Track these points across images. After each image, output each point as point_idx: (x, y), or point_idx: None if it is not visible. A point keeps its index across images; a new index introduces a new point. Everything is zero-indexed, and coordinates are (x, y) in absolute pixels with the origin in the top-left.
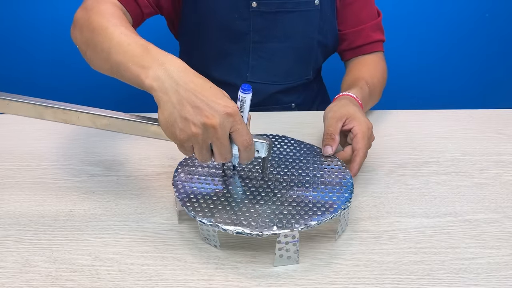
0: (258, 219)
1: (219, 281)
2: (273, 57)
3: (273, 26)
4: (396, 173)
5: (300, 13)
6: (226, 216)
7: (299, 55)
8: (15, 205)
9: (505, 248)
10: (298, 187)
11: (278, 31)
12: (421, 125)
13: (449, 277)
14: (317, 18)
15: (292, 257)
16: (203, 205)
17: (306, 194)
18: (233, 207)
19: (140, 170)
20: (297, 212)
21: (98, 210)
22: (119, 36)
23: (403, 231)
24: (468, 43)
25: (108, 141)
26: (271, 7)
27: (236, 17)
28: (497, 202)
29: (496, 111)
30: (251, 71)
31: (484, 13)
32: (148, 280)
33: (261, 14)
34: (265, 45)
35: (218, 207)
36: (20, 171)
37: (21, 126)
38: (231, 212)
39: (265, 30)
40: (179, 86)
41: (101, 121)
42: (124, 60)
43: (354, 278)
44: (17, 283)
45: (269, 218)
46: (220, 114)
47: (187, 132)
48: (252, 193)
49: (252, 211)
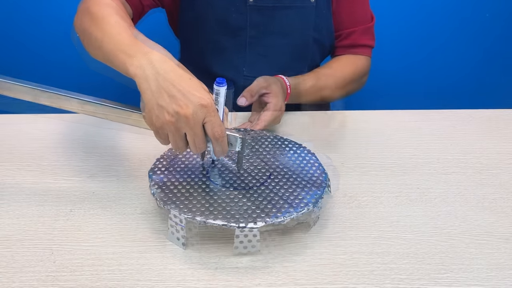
0: (231, 212)
1: (219, 281)
2: (269, 52)
3: (269, 21)
4: (396, 173)
5: (296, 9)
6: (194, 209)
7: (295, 52)
8: (15, 205)
9: (505, 248)
10: (275, 182)
11: (275, 27)
12: (421, 125)
13: (449, 277)
14: (312, 15)
15: (256, 246)
16: (177, 196)
17: (280, 190)
18: (207, 200)
19: (140, 170)
20: (265, 206)
21: (98, 210)
22: (113, 26)
23: (403, 231)
24: (468, 43)
25: (108, 141)
26: (267, 2)
27: (232, 11)
28: (497, 202)
29: (496, 111)
30: (247, 66)
31: (484, 13)
32: (148, 280)
33: (258, 9)
34: (261, 41)
35: (189, 198)
36: (20, 171)
37: (21, 126)
38: (203, 202)
39: (261, 25)
40: (159, 75)
41: (88, 107)
42: (114, 48)
43: (354, 278)
44: (17, 283)
45: (234, 210)
46: (194, 105)
47: (161, 120)
48: (225, 187)
49: (223, 205)
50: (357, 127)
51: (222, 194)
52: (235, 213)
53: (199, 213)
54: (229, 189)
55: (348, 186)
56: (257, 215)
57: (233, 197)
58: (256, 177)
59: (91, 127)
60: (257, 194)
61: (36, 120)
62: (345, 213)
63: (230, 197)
